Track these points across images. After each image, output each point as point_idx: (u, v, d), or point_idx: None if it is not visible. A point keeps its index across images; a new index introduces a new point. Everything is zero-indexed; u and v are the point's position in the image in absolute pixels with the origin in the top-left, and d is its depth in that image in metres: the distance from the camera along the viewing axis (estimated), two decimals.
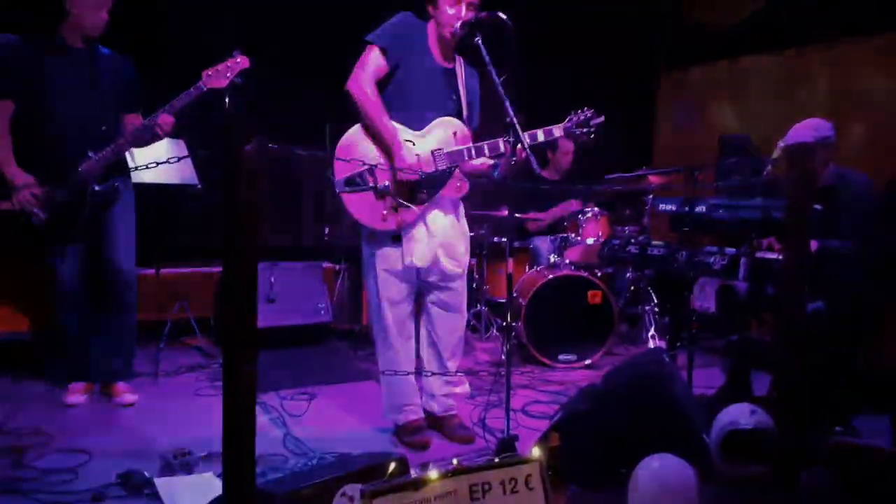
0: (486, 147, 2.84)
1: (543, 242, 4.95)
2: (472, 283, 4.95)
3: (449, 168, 2.87)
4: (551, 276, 4.40)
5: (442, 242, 2.93)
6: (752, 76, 5.78)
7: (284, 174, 5.04)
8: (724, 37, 5.74)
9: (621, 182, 4.31)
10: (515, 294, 4.46)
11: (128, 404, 3.40)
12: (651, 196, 4.63)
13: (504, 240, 4.88)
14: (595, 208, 4.80)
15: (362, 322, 4.90)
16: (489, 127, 2.97)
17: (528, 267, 5.00)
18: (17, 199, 3.09)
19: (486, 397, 3.17)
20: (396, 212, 2.81)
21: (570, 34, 5.89)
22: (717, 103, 6.08)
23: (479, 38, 2.69)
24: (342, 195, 2.75)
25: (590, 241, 4.73)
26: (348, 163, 2.71)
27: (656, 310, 4.89)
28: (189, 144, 4.00)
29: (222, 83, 3.06)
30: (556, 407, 3.04)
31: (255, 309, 1.65)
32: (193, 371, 4.05)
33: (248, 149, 1.61)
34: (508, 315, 2.72)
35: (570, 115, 2.90)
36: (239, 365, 1.63)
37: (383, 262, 2.90)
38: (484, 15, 2.73)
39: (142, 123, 3.14)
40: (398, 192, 2.80)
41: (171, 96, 3.09)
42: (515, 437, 2.66)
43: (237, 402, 1.64)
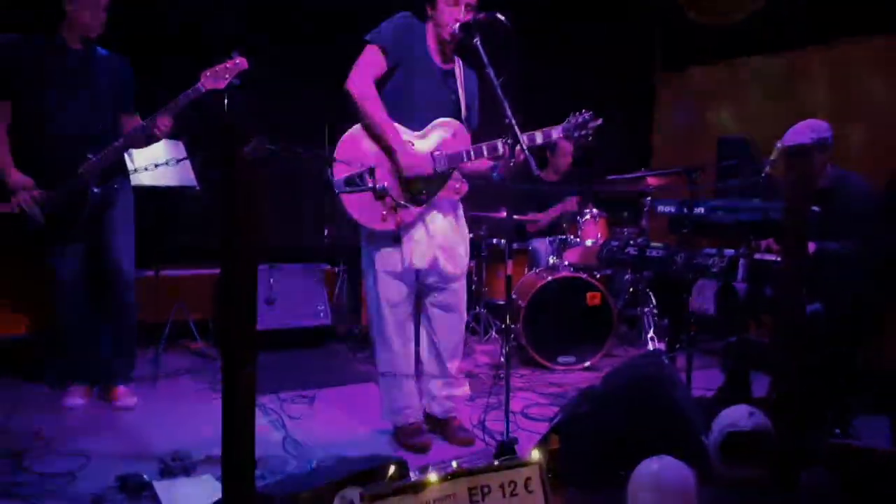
0: (485, 148, 2.83)
1: (542, 244, 4.94)
2: (471, 285, 4.94)
3: (448, 169, 2.87)
4: (550, 278, 4.39)
5: (441, 244, 2.93)
6: (751, 76, 5.77)
7: (284, 174, 5.03)
8: (723, 37, 5.73)
9: (620, 183, 4.31)
10: (514, 296, 4.45)
11: (127, 407, 3.39)
12: (650, 198, 4.63)
13: (503, 241, 4.88)
14: (594, 210, 4.81)
15: (361, 324, 4.90)
16: (488, 128, 2.96)
17: (526, 269, 5.00)
18: (16, 202, 3.09)
19: (485, 399, 3.16)
20: (396, 212, 2.80)
21: (569, 34, 5.89)
22: (717, 104, 6.07)
23: (477, 40, 2.68)
24: (341, 195, 2.75)
25: (589, 242, 4.73)
26: (348, 164, 2.71)
27: (655, 311, 4.88)
28: (188, 146, 4.00)
29: (220, 84, 3.06)
30: (556, 409, 3.05)
31: (254, 311, 1.66)
32: (192, 373, 4.04)
33: (247, 149, 1.61)
34: (507, 317, 2.72)
35: (568, 117, 2.89)
36: (238, 367, 1.63)
37: (383, 263, 2.90)
38: (482, 16, 2.72)
39: (140, 124, 3.14)
40: (397, 192, 2.80)
41: (170, 97, 3.08)
42: (515, 441, 2.66)
43: (236, 405, 1.64)
